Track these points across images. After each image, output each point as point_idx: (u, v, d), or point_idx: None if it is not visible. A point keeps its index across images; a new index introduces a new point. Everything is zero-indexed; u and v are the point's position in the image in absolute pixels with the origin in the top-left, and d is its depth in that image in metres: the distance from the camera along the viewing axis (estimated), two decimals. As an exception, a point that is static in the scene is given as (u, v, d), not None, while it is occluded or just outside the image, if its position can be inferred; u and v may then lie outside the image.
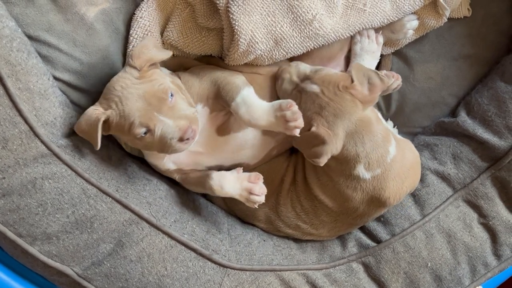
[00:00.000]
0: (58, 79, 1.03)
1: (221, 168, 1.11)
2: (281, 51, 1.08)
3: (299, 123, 0.94)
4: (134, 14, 1.12)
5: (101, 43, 1.07)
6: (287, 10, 1.05)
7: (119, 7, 1.11)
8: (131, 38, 1.11)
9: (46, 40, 1.01)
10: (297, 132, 0.95)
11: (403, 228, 1.14)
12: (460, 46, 1.28)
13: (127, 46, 1.12)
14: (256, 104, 0.98)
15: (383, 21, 1.13)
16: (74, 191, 0.97)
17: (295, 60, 1.14)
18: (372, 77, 1.01)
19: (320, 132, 0.98)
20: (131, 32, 1.12)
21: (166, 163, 1.06)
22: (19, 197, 0.93)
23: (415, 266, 1.11)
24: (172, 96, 0.94)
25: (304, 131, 0.98)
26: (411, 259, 1.12)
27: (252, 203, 1.01)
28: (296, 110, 0.94)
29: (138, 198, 1.04)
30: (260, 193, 1.00)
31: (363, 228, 1.19)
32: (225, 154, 1.08)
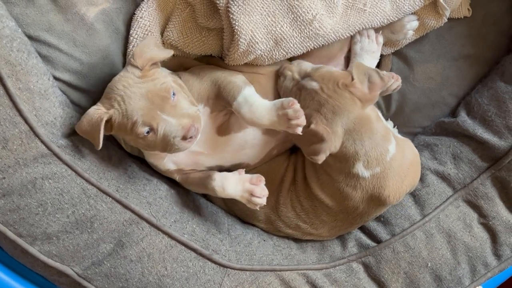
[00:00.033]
0: (58, 79, 1.03)
1: (221, 168, 1.11)
2: (281, 51, 1.08)
3: (301, 121, 0.94)
4: (134, 14, 1.12)
5: (101, 43, 1.07)
6: (287, 10, 1.05)
7: (119, 7, 1.11)
8: (131, 38, 1.11)
9: (46, 40, 1.01)
10: (299, 131, 0.95)
11: (403, 228, 1.14)
12: (460, 46, 1.28)
13: (127, 46, 1.12)
14: (258, 102, 0.98)
15: (383, 21, 1.13)
16: (74, 191, 0.97)
17: (295, 59, 1.14)
18: (372, 75, 1.01)
19: (318, 129, 0.98)
20: (131, 32, 1.12)
21: (166, 163, 1.06)
22: (19, 197, 0.93)
23: (415, 266, 1.11)
24: (174, 95, 0.94)
25: (303, 128, 0.98)
26: (411, 259, 1.12)
27: (254, 205, 1.00)
28: (298, 108, 0.94)
29: (138, 198, 1.04)
30: (261, 195, 1.00)
31: (363, 228, 1.19)
32: (225, 154, 1.08)
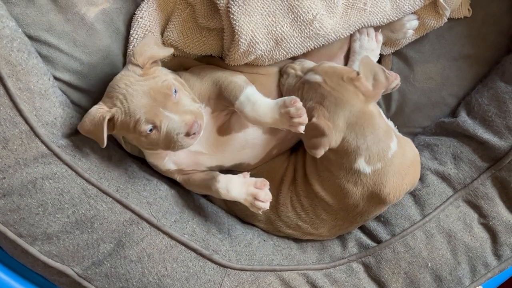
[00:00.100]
0: (58, 79, 1.03)
1: (221, 168, 1.11)
2: (281, 51, 1.08)
3: (303, 119, 0.94)
4: (135, 14, 1.12)
5: (101, 43, 1.07)
6: (287, 10, 1.05)
7: (120, 7, 1.11)
8: (132, 38, 1.11)
9: (47, 40, 1.01)
10: (301, 129, 0.95)
11: (403, 228, 1.14)
12: (460, 46, 1.28)
13: (127, 46, 1.12)
14: (260, 101, 0.98)
15: (383, 20, 1.13)
16: (75, 191, 0.97)
17: (295, 59, 1.14)
18: (378, 73, 1.01)
19: (320, 123, 0.98)
20: (131, 32, 1.12)
21: (167, 163, 1.06)
22: (19, 197, 0.93)
23: (415, 266, 1.11)
24: (176, 92, 0.94)
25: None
26: (411, 259, 1.12)
27: (257, 208, 1.00)
28: (300, 106, 0.94)
29: (138, 198, 1.04)
30: (265, 199, 1.00)
31: (363, 228, 1.19)
32: (226, 154, 1.08)
